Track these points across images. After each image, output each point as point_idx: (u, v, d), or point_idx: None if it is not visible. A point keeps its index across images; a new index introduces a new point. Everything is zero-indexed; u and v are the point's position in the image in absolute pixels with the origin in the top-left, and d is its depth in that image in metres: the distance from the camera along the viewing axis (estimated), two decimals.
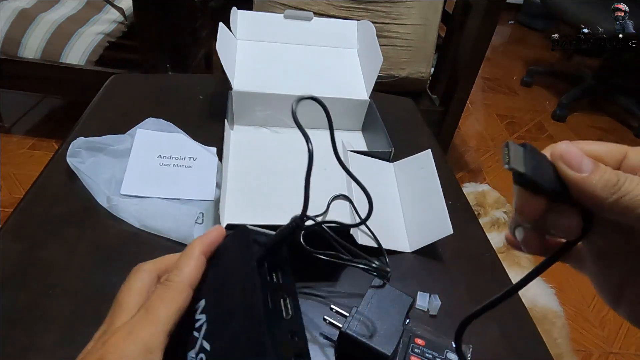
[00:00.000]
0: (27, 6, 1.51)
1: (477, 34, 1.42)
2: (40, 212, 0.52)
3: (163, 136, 0.64)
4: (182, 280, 0.27)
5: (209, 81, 0.81)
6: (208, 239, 0.30)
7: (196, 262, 0.29)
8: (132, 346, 0.24)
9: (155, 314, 0.26)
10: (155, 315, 0.25)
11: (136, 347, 0.24)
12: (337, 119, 0.72)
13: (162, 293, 0.27)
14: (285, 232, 0.27)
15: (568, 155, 0.21)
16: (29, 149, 1.61)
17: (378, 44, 0.70)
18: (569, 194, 0.21)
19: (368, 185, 0.47)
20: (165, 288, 0.27)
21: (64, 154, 0.56)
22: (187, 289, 0.27)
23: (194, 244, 0.30)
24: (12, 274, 0.45)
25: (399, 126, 0.73)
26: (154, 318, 0.25)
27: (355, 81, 0.73)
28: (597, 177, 0.21)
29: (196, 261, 0.29)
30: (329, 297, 0.47)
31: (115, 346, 0.24)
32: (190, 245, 0.30)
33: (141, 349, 0.24)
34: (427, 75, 1.51)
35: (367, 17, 1.37)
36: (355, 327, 0.40)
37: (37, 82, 1.51)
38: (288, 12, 0.76)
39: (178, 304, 0.26)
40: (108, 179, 0.56)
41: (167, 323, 0.25)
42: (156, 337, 0.25)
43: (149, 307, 0.26)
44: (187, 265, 0.28)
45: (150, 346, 0.24)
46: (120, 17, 1.57)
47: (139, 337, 0.24)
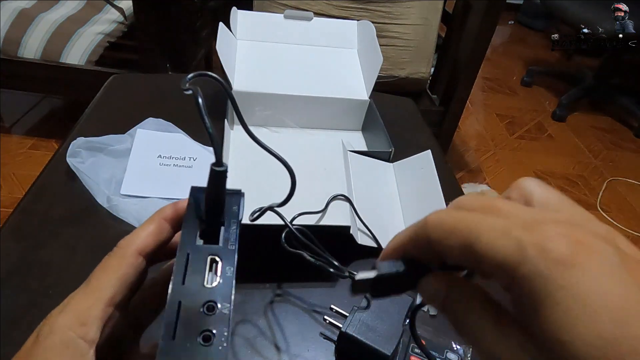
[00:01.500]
0: (27, 6, 1.51)
1: (477, 34, 1.42)
2: (40, 212, 0.52)
3: (163, 136, 0.64)
4: (128, 246, 0.25)
5: (209, 81, 0.81)
6: (181, 203, 0.26)
7: (153, 227, 0.25)
8: (64, 317, 0.22)
9: (93, 283, 0.23)
10: (94, 284, 0.23)
11: (68, 319, 0.22)
12: (337, 119, 0.72)
13: (104, 261, 0.24)
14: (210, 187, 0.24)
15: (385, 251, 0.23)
16: (29, 149, 1.61)
17: (378, 44, 0.70)
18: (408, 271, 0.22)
19: (368, 185, 0.47)
20: (109, 256, 0.25)
21: (64, 154, 0.56)
22: (133, 254, 0.24)
23: (162, 208, 0.27)
24: (12, 274, 0.45)
25: (399, 126, 0.73)
26: (92, 288, 0.23)
27: (355, 81, 0.73)
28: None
29: (154, 226, 0.26)
30: (329, 297, 0.47)
31: (50, 318, 0.23)
32: (157, 210, 0.27)
33: (73, 321, 0.22)
34: (427, 75, 1.51)
35: (367, 17, 1.37)
36: (355, 327, 0.40)
37: (37, 82, 1.51)
38: (288, 12, 0.76)
39: (121, 272, 0.24)
40: (108, 179, 0.56)
41: (106, 293, 0.23)
42: (92, 308, 0.22)
43: (90, 278, 0.24)
44: (141, 230, 0.25)
45: (84, 318, 0.22)
46: (120, 17, 1.57)
47: (72, 308, 0.23)
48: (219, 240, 0.24)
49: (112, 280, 0.23)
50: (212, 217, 0.24)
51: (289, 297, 0.47)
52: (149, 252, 0.25)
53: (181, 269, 0.22)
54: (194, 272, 0.22)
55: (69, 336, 0.22)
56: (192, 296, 0.21)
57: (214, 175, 0.24)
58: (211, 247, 0.23)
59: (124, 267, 0.24)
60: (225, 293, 0.22)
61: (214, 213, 0.24)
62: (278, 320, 0.45)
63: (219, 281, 0.22)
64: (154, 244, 0.25)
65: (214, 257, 0.23)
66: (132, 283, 0.24)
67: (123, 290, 0.24)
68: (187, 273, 0.22)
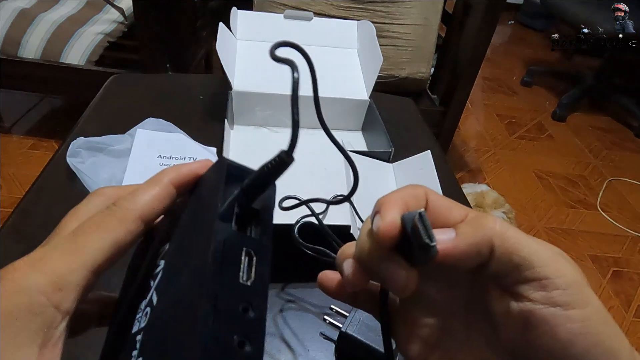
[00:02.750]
0: (27, 6, 1.51)
1: (477, 34, 1.42)
2: (40, 212, 0.52)
3: (163, 136, 0.64)
4: (130, 208, 0.20)
5: (209, 81, 0.81)
6: (186, 167, 0.23)
7: (160, 190, 0.21)
8: (36, 277, 0.18)
9: (81, 243, 0.19)
10: (81, 244, 0.19)
11: (42, 279, 0.18)
12: (337, 119, 0.72)
13: (99, 219, 0.20)
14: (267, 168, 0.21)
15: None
16: (29, 149, 1.61)
17: (378, 44, 0.70)
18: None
19: (368, 185, 0.47)
20: (105, 214, 0.20)
21: (64, 154, 0.56)
22: (135, 220, 0.20)
23: (165, 170, 0.22)
24: None
25: (399, 126, 0.73)
26: (78, 248, 0.19)
27: (355, 81, 0.73)
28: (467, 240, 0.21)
29: (160, 189, 0.21)
30: (329, 297, 0.47)
31: (16, 272, 0.18)
32: (160, 172, 0.22)
33: (48, 283, 0.18)
34: (427, 75, 1.51)
35: (367, 17, 1.37)
36: (355, 327, 0.40)
37: (37, 82, 1.51)
38: (288, 12, 0.76)
39: (115, 236, 0.20)
40: (108, 179, 0.56)
41: (93, 258, 0.19)
42: (73, 273, 0.18)
43: (77, 233, 0.20)
44: (145, 192, 0.21)
45: (62, 282, 0.18)
46: (120, 17, 1.57)
47: (50, 268, 0.18)
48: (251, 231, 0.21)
49: (104, 244, 0.19)
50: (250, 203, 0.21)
51: (289, 296, 0.47)
52: (151, 219, 0.21)
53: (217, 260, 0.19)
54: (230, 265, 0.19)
55: (40, 301, 0.17)
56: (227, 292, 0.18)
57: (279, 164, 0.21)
58: (247, 238, 0.20)
59: (122, 232, 0.20)
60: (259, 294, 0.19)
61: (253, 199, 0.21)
62: (278, 320, 0.45)
63: (253, 279, 0.19)
64: (158, 211, 0.22)
65: (249, 250, 0.20)
66: (124, 251, 0.21)
67: (113, 258, 0.20)
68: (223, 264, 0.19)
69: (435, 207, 0.23)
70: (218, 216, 0.19)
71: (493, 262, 0.21)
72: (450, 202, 0.23)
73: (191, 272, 0.19)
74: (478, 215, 0.22)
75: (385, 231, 0.21)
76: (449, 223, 0.22)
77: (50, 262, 0.19)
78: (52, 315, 0.18)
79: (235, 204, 0.20)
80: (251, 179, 0.21)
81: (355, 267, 0.23)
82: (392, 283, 0.22)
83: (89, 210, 0.22)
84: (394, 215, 0.21)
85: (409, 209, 0.22)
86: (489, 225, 0.21)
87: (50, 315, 0.18)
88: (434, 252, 0.20)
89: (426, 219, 0.20)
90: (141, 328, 0.20)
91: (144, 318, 0.21)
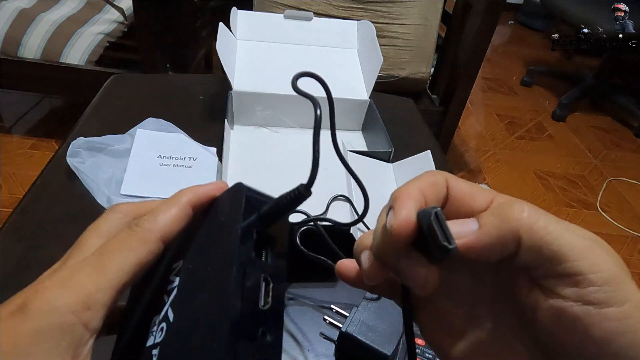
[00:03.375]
0: (27, 6, 1.51)
1: (477, 34, 1.42)
2: (40, 212, 0.52)
3: (163, 136, 0.64)
4: (152, 229, 0.21)
5: (209, 81, 0.81)
6: (203, 189, 0.24)
7: (178, 211, 0.22)
8: (66, 296, 0.18)
9: (107, 262, 0.20)
10: (108, 265, 0.20)
11: (71, 299, 0.18)
12: (337, 119, 0.72)
13: (123, 239, 0.21)
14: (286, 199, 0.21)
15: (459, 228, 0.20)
16: (29, 149, 1.61)
17: (378, 44, 0.70)
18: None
19: (368, 185, 0.47)
20: (128, 234, 0.21)
21: (64, 154, 0.56)
22: (156, 240, 0.21)
23: (183, 191, 0.23)
24: (12, 274, 0.45)
25: (399, 126, 0.73)
26: (105, 268, 0.20)
27: (355, 81, 0.73)
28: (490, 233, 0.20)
29: (179, 210, 0.22)
30: (329, 297, 0.47)
31: (47, 291, 0.19)
32: (177, 192, 0.23)
33: (77, 302, 0.18)
34: (427, 75, 1.51)
35: (367, 17, 1.37)
36: (355, 327, 0.40)
37: (37, 82, 1.51)
38: (288, 12, 0.76)
39: (139, 256, 0.21)
40: (108, 179, 0.56)
41: (120, 277, 0.20)
42: (101, 292, 0.19)
43: (103, 253, 0.20)
44: (165, 213, 0.22)
45: (90, 301, 0.19)
46: (120, 17, 1.57)
47: (79, 287, 0.19)
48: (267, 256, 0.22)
49: (129, 264, 0.20)
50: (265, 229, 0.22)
51: (289, 296, 0.47)
52: (170, 239, 0.22)
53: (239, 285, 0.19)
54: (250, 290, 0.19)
55: (70, 320, 0.18)
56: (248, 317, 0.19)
57: (298, 197, 0.21)
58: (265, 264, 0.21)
59: (145, 252, 0.21)
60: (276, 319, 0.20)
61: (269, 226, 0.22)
62: None
63: (270, 304, 0.20)
64: (177, 230, 0.22)
65: (267, 276, 0.20)
66: (145, 269, 0.21)
67: (136, 277, 0.21)
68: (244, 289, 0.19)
69: (457, 194, 0.22)
70: (238, 241, 0.20)
71: (521, 255, 0.19)
72: (473, 188, 0.22)
73: (211, 293, 0.20)
74: (505, 203, 0.20)
75: (399, 229, 0.19)
76: (473, 211, 0.21)
77: (78, 281, 0.19)
78: (81, 334, 0.18)
79: (254, 231, 0.21)
80: (269, 207, 0.22)
81: (372, 261, 0.22)
82: (411, 281, 0.21)
83: (108, 227, 0.23)
84: (408, 212, 0.20)
85: (427, 201, 0.21)
86: (516, 216, 0.19)
87: (80, 334, 0.18)
88: (454, 252, 0.19)
89: (442, 218, 0.19)
90: (157, 342, 0.21)
91: (160, 333, 0.21)
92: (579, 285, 0.18)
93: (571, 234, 0.19)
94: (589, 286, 0.18)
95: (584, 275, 0.18)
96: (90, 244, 0.22)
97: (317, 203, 0.52)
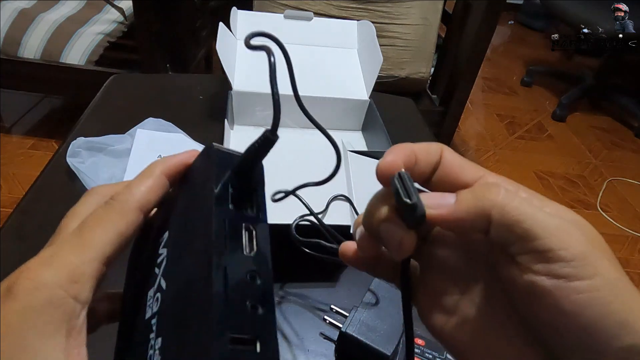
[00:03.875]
0: (27, 6, 1.51)
1: (477, 34, 1.42)
2: (40, 212, 0.52)
3: (163, 136, 0.64)
4: (128, 200, 0.22)
5: (209, 81, 0.81)
6: (174, 159, 0.24)
7: (154, 181, 0.23)
8: (52, 272, 0.19)
9: (88, 237, 0.20)
10: (88, 238, 0.20)
11: (57, 274, 0.19)
12: (337, 119, 0.72)
13: (101, 213, 0.22)
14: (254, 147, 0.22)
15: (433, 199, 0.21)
16: (29, 149, 1.61)
17: (378, 44, 0.70)
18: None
19: (368, 185, 0.47)
20: (105, 208, 0.22)
21: (64, 154, 0.56)
22: (134, 211, 0.22)
23: (155, 162, 0.24)
24: None
25: (399, 126, 0.73)
26: (86, 242, 0.20)
27: (355, 81, 0.73)
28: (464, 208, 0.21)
29: (154, 180, 0.23)
30: (329, 297, 0.47)
31: (30, 271, 0.19)
32: (150, 164, 0.24)
33: (64, 277, 0.19)
34: (427, 75, 1.51)
35: (367, 17, 1.37)
36: (355, 327, 0.40)
37: (37, 82, 1.51)
38: (288, 12, 0.76)
39: (119, 228, 0.21)
40: (108, 179, 0.56)
41: (102, 249, 0.20)
42: (86, 265, 0.20)
43: (82, 229, 0.21)
44: (140, 184, 0.23)
45: (76, 274, 0.19)
46: (120, 17, 1.57)
47: (63, 263, 0.19)
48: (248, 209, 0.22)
49: (110, 236, 0.21)
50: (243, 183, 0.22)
51: (289, 296, 0.47)
52: (149, 209, 0.23)
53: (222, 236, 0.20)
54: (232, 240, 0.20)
55: (59, 294, 0.19)
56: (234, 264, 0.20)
57: (264, 142, 0.22)
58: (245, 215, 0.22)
59: (124, 224, 0.21)
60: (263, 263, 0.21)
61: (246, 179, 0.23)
62: (278, 320, 0.45)
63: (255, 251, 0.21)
64: (154, 200, 0.23)
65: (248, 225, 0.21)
66: (128, 241, 0.22)
67: (119, 248, 0.21)
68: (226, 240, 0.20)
69: (448, 164, 0.23)
70: (215, 198, 0.21)
71: (492, 232, 0.20)
72: (464, 162, 0.23)
73: (197, 252, 0.21)
74: (486, 185, 0.22)
75: (382, 168, 0.21)
76: (459, 183, 0.22)
77: (61, 257, 0.20)
78: (72, 306, 0.19)
79: (229, 186, 0.22)
80: (240, 161, 0.22)
81: (363, 232, 0.24)
82: (387, 244, 0.22)
83: (87, 209, 0.23)
84: (395, 158, 0.21)
85: (417, 161, 0.22)
86: (491, 196, 0.20)
87: (71, 306, 0.19)
88: (420, 212, 0.20)
89: (406, 178, 0.21)
90: (154, 312, 0.22)
91: (155, 303, 0.22)
92: (549, 261, 0.19)
93: (544, 214, 0.20)
94: (558, 261, 0.19)
95: (554, 252, 0.19)
96: (70, 227, 0.22)
97: (317, 203, 0.52)
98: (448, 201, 0.21)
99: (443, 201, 0.21)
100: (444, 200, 0.21)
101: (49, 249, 0.20)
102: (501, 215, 0.20)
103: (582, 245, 0.19)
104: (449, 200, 0.21)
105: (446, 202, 0.21)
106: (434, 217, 0.21)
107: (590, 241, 0.20)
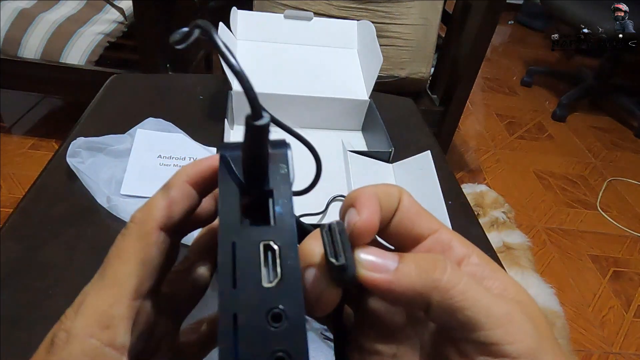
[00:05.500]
0: (27, 6, 1.51)
1: (477, 34, 1.42)
2: (40, 212, 0.52)
3: (163, 136, 0.64)
4: (146, 221, 0.19)
5: (209, 81, 0.81)
6: (197, 165, 0.21)
7: (175, 193, 0.20)
8: (82, 321, 0.18)
9: (109, 274, 0.19)
10: (110, 276, 0.19)
11: (87, 322, 0.17)
12: (337, 119, 0.72)
13: (119, 244, 0.19)
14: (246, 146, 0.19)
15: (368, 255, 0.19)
16: (29, 149, 1.61)
17: (378, 44, 0.70)
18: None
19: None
20: (123, 236, 0.19)
21: (64, 154, 0.56)
22: (154, 232, 0.19)
23: (178, 171, 0.21)
24: (12, 274, 0.45)
25: (399, 126, 0.73)
26: (108, 280, 0.18)
27: (355, 81, 0.73)
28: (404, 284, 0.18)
29: (175, 192, 0.20)
30: None
31: (66, 322, 0.18)
32: (175, 173, 0.21)
33: (93, 325, 0.17)
34: (427, 75, 1.51)
35: (367, 17, 1.37)
36: None
37: (37, 82, 1.51)
38: (288, 12, 0.76)
39: (139, 256, 0.19)
40: (108, 179, 0.56)
41: (127, 285, 0.18)
42: (114, 307, 0.18)
43: (104, 267, 0.19)
44: (160, 199, 0.20)
45: (106, 319, 0.18)
46: (120, 17, 1.58)
47: (91, 309, 0.18)
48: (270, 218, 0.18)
49: (132, 268, 0.18)
50: (254, 186, 0.18)
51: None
52: (172, 225, 0.20)
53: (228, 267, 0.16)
54: (246, 268, 0.16)
55: (92, 344, 0.17)
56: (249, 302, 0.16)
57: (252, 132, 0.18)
58: (261, 229, 0.17)
59: (145, 249, 0.19)
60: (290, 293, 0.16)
61: (256, 180, 0.19)
62: None
63: (279, 277, 0.16)
64: (178, 215, 0.20)
65: (267, 243, 0.17)
66: (159, 265, 0.19)
67: (149, 277, 0.19)
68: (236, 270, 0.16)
69: (404, 210, 0.20)
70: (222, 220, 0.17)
71: (432, 315, 0.18)
72: (421, 210, 0.21)
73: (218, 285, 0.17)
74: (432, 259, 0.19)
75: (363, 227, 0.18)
76: (413, 233, 0.20)
77: (88, 303, 0.18)
78: (110, 355, 0.18)
79: (237, 198, 0.18)
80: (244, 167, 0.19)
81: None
82: (306, 293, 0.19)
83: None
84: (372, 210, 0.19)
85: (381, 208, 0.20)
86: (435, 276, 0.18)
87: (108, 356, 0.18)
88: (350, 274, 0.17)
89: (337, 231, 0.18)
90: None
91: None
92: (493, 355, 0.17)
93: (489, 299, 0.18)
94: (503, 357, 0.17)
95: (499, 346, 0.17)
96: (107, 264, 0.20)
97: (317, 203, 0.52)
98: (387, 266, 0.18)
99: (382, 264, 0.19)
100: (384, 263, 0.19)
101: (81, 295, 0.19)
102: (443, 299, 0.18)
103: (529, 339, 0.17)
104: (388, 266, 0.18)
105: (385, 267, 0.18)
106: (367, 281, 0.18)
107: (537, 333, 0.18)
